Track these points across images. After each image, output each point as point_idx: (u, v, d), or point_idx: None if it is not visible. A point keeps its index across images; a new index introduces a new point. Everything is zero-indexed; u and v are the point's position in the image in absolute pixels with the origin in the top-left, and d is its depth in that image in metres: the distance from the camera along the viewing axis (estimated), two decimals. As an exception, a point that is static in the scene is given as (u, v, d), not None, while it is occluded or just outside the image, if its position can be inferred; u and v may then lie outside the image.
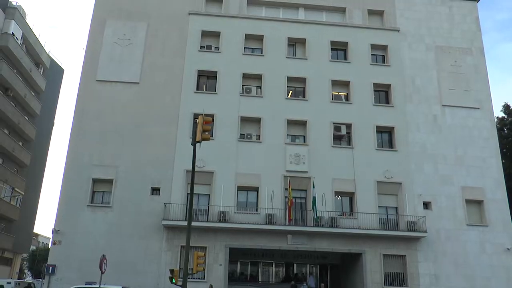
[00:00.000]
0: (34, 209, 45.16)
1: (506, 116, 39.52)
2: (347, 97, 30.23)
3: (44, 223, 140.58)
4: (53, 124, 48.54)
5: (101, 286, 19.80)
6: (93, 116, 27.81)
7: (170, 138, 27.52)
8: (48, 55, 46.66)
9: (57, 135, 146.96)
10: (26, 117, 41.70)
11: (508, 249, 27.48)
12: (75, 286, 20.65)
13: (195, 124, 17.57)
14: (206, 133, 17.27)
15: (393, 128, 29.33)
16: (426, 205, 27.89)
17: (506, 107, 39.66)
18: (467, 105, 30.51)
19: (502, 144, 34.15)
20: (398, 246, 26.78)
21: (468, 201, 28.27)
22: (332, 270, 30.81)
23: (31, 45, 42.31)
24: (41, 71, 45.34)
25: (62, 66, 50.93)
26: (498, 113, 40.32)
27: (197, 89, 29.07)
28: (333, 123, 28.76)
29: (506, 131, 38.65)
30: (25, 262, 61.97)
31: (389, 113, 29.68)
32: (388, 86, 30.40)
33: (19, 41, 39.87)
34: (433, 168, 28.65)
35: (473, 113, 30.44)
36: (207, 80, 29.75)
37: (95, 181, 26.81)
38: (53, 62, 47.94)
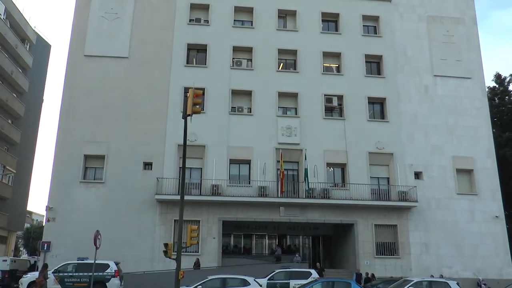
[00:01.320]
0: (26, 186, 44.94)
1: (497, 86, 39.57)
2: (338, 69, 30.07)
3: (38, 201, 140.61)
4: (42, 100, 47.82)
5: (93, 261, 20.03)
6: (82, 92, 27.49)
7: (161, 112, 27.35)
8: (33, 30, 45.61)
9: (47, 112, 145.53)
10: (14, 94, 41.04)
11: (496, 216, 27.98)
12: (67, 262, 20.68)
13: (185, 98, 17.37)
14: (197, 106, 17.08)
15: (384, 99, 29.33)
16: (417, 175, 28.18)
17: (497, 77, 39.67)
18: (458, 75, 30.50)
19: (493, 113, 34.29)
20: (390, 216, 27.15)
21: (459, 171, 28.59)
22: (325, 241, 31.23)
23: (15, 20, 41.29)
24: (27, 47, 44.42)
25: (49, 42, 49.89)
26: (490, 82, 40.46)
27: (187, 62, 28.74)
28: (325, 95, 28.68)
29: (497, 101, 38.78)
30: (20, 240, 62.16)
31: (380, 84, 29.63)
32: (380, 57, 30.25)
33: (2, 16, 38.89)
34: (424, 138, 28.82)
35: (464, 83, 30.47)
36: (197, 53, 29.40)
37: (87, 157, 26.71)
38: (39, 37, 46.91)
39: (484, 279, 26.15)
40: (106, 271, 20.64)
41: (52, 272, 20.18)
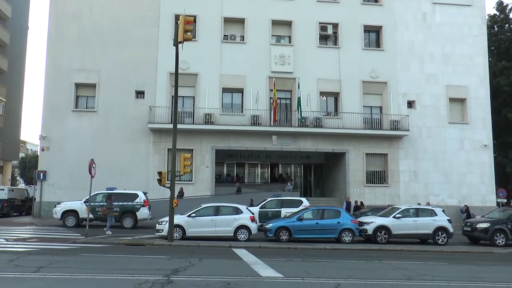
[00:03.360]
0: (18, 115, 44.53)
1: (498, 13, 38.44)
2: (334, -5, 29.01)
3: (32, 131, 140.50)
4: (27, 27, 46.19)
5: (123, 192, 21.29)
6: (69, 18, 26.57)
7: (152, 40, 26.66)
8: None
9: (34, 40, 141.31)
10: (-3, 21, 39.55)
11: (485, 145, 28.41)
12: (97, 192, 20.67)
13: (176, 25, 16.83)
14: (188, 33, 16.62)
15: (380, 27, 28.63)
16: (410, 104, 28.22)
17: (499, 4, 38.35)
18: (458, 2, 29.59)
19: (491, 41, 33.67)
20: (381, 145, 27.51)
21: (452, 99, 28.62)
22: (316, 170, 31.84)
23: None
24: (6, -31, 42.08)
25: (30, -36, 47.15)
26: (490, 10, 39.29)
27: (177, -12, 27.55)
28: (319, 23, 27.91)
29: (496, 29, 37.87)
30: (16, 170, 62.77)
31: (377, 12, 28.77)
32: (378, -17, 29.12)
33: None
34: (419, 67, 28.51)
35: (464, 10, 29.63)
36: (187, -21, 28.08)
37: (78, 85, 26.38)
38: (19, -41, 44.35)
39: (465, 205, 26.89)
40: (135, 201, 21.10)
41: (84, 202, 20.36)
